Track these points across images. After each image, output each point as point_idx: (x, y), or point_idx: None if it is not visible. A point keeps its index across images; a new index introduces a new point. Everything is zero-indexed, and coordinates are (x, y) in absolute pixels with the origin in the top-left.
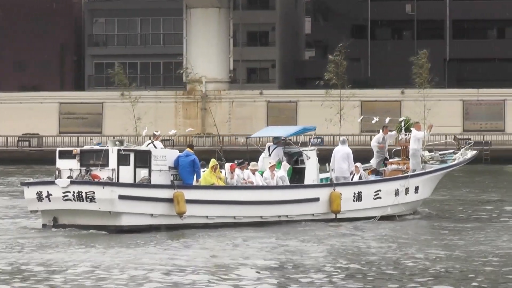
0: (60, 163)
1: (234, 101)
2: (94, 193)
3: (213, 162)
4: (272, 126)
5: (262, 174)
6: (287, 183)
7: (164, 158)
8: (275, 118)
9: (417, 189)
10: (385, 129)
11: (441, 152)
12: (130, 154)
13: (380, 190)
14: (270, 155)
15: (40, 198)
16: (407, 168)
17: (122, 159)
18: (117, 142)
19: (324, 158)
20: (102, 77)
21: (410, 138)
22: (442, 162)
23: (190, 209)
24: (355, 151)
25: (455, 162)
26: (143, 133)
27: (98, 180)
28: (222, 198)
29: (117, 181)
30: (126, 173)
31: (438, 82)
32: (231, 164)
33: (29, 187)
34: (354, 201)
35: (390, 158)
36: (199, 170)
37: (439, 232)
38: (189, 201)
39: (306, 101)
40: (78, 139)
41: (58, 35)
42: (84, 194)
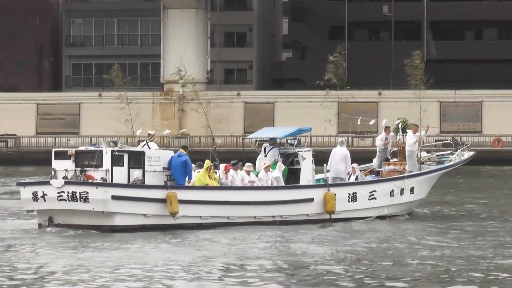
0: (55, 164)
1: (211, 102)
2: (87, 193)
3: (207, 163)
4: (268, 128)
5: (257, 175)
6: (282, 184)
7: (158, 159)
8: (252, 119)
9: (412, 189)
10: (387, 129)
11: (438, 153)
12: (124, 155)
13: (375, 191)
14: (266, 156)
15: (35, 198)
16: (404, 169)
17: (116, 160)
18: (111, 143)
19: (323, 160)
20: (80, 77)
21: (406, 139)
22: (439, 163)
23: (183, 209)
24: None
25: (451, 163)
26: (137, 133)
27: (92, 180)
28: (216, 199)
29: (110, 181)
30: (120, 173)
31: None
32: (225, 165)
33: (25, 187)
34: (349, 201)
35: (391, 159)
36: (191, 171)
37: (422, 233)
38: (182, 201)
39: (284, 102)
40: (56, 140)
41: (36, 36)
42: (78, 194)
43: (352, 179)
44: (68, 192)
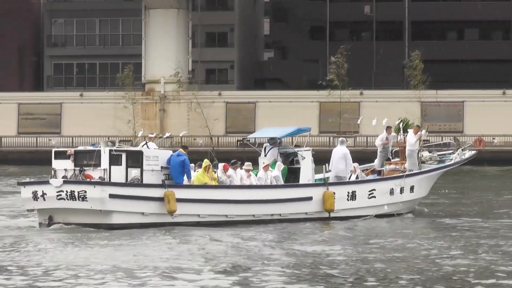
0: (55, 164)
1: (192, 102)
2: (85, 192)
3: (206, 162)
4: (268, 127)
5: (257, 174)
6: (281, 183)
7: (156, 158)
8: (234, 119)
9: (412, 188)
10: (388, 129)
11: (439, 152)
12: (121, 155)
13: (374, 190)
14: (266, 156)
15: (35, 197)
16: (405, 168)
17: (114, 159)
18: (109, 143)
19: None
20: (61, 77)
21: (407, 139)
22: (440, 162)
23: (181, 207)
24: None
25: (452, 162)
26: (139, 134)
27: (90, 179)
28: (214, 197)
29: (108, 180)
30: (118, 172)
31: (396, 84)
32: (224, 164)
33: (25, 187)
34: (348, 200)
35: (392, 158)
36: (189, 171)
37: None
38: (180, 200)
39: (265, 102)
40: (37, 140)
41: (17, 36)
42: (76, 193)
43: (353, 179)
44: (66, 191)
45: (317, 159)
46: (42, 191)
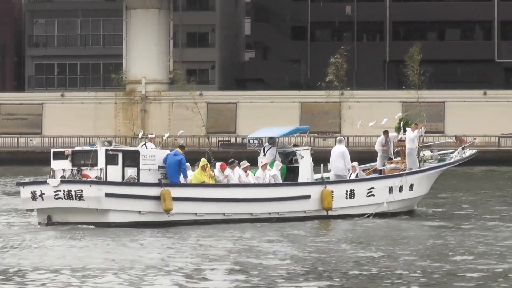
0: (54, 164)
1: (174, 102)
2: (82, 191)
3: (203, 161)
4: (267, 127)
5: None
6: (280, 182)
7: (153, 157)
8: (215, 119)
9: (412, 186)
10: (386, 133)
11: (441, 152)
12: (118, 154)
13: (373, 188)
14: (265, 155)
15: (34, 197)
16: (405, 167)
17: (110, 159)
18: (105, 143)
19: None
20: (42, 78)
21: (406, 137)
22: (441, 161)
23: (177, 206)
24: None
25: (451, 161)
26: (139, 135)
27: (87, 179)
28: (210, 196)
29: (105, 179)
30: (115, 172)
31: (378, 84)
32: (221, 163)
33: (24, 187)
34: (346, 198)
35: (394, 158)
36: (185, 170)
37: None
38: (176, 198)
39: (246, 102)
40: (18, 140)
41: None
42: (73, 193)
43: (352, 178)
44: (64, 190)
45: (316, 159)
46: (40, 191)
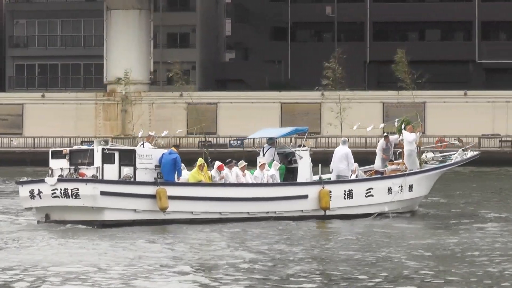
0: (52, 163)
1: (154, 102)
2: (78, 189)
3: (200, 161)
4: (266, 128)
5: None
6: (278, 182)
7: (150, 157)
8: (195, 120)
9: (411, 187)
10: (386, 138)
11: (442, 153)
12: (114, 153)
13: (372, 188)
14: (264, 156)
15: (32, 195)
16: (406, 168)
17: (107, 158)
18: (102, 142)
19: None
20: (23, 78)
21: (404, 138)
22: (442, 162)
23: (173, 205)
24: None
25: (451, 162)
26: (139, 134)
27: (83, 177)
28: (207, 195)
29: (101, 178)
30: (111, 170)
31: (358, 84)
32: (219, 164)
33: (23, 186)
34: (344, 198)
35: (396, 159)
36: (180, 169)
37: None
38: (172, 197)
39: (226, 103)
40: None
41: None
42: (69, 191)
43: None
44: (60, 189)
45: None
46: (38, 190)
